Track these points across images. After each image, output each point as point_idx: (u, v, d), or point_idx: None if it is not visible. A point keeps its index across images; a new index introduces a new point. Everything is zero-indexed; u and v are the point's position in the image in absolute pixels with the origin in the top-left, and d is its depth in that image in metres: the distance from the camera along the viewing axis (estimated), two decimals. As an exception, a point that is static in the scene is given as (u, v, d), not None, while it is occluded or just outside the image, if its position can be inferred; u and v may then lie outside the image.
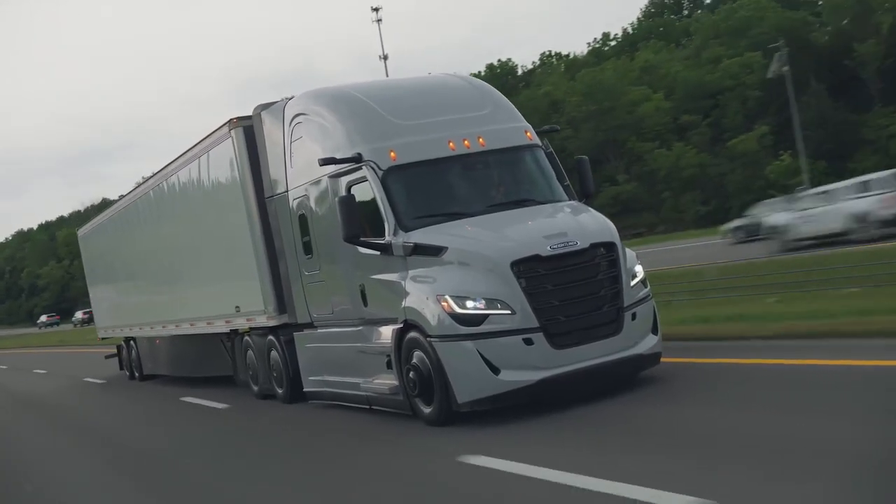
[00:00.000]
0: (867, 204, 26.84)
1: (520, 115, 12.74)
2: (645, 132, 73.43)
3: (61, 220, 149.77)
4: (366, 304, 11.75)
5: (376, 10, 68.08)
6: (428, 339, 10.48)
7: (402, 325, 10.91)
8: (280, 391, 14.87)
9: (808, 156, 55.74)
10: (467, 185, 11.93)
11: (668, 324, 13.15)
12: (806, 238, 28.98)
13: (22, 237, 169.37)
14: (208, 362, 18.89)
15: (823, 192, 30.37)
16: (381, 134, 11.72)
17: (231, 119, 14.86)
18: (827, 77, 62.78)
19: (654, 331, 11.19)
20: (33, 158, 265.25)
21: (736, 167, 64.35)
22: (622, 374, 10.85)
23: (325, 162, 11.77)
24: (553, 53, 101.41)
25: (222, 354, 17.83)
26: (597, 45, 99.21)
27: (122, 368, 25.83)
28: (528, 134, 12.35)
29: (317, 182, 12.50)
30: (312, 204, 12.81)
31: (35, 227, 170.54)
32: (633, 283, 10.97)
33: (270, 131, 13.93)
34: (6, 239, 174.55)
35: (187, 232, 18.36)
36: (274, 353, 14.87)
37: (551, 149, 12.63)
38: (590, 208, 11.89)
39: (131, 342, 24.70)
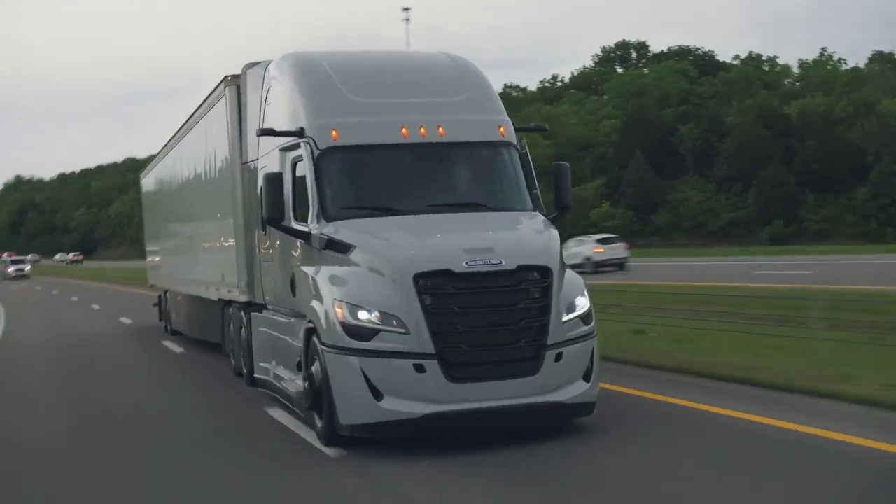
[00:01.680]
0: (587, 250, 46.17)
1: (501, 107, 11.08)
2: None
3: (99, 168, 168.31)
4: (294, 295, 10.60)
5: (406, 9, 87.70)
6: (321, 346, 9.24)
7: (310, 326, 9.69)
8: (245, 371, 13.97)
9: (624, 207, 77.39)
10: (412, 179, 10.49)
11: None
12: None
13: (64, 180, 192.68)
14: (211, 328, 17.89)
15: (580, 239, 49.49)
16: (330, 109, 10.41)
17: (226, 76, 13.96)
18: (656, 148, 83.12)
19: (587, 377, 9.42)
20: (90, 97, 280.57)
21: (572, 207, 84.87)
22: (534, 422, 9.25)
23: (263, 133, 11.03)
24: (512, 86, 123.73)
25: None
26: (547, 85, 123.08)
27: (160, 320, 25.15)
28: (502, 130, 10.65)
29: (272, 153, 11.35)
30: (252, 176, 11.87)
31: (77, 171, 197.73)
32: (567, 317, 9.31)
33: (251, 93, 12.89)
34: (51, 178, 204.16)
35: (194, 193, 17.87)
36: (243, 331, 13.97)
37: (527, 150, 10.87)
38: (548, 225, 10.19)
39: (166, 294, 24.06)
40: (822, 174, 72.64)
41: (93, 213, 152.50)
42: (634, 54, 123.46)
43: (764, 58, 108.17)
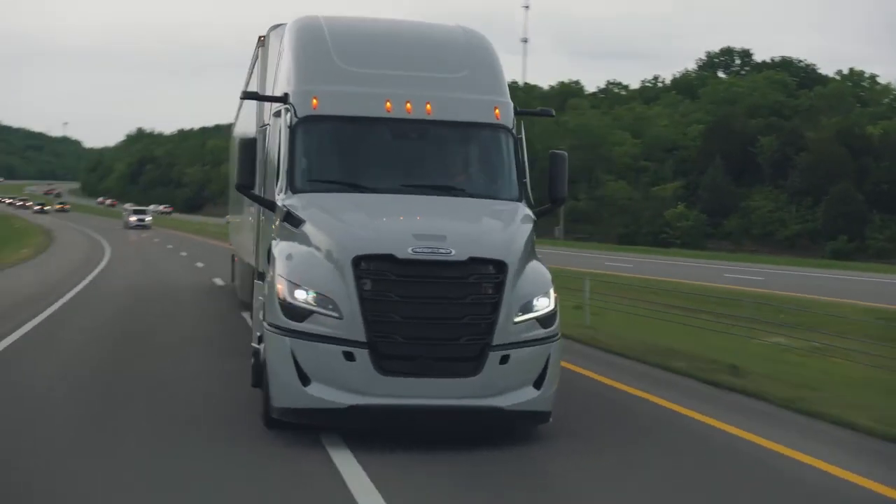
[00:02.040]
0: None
1: (503, 87, 10.33)
2: (612, 167, 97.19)
3: (217, 127, 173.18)
4: (268, 263, 9.68)
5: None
6: (263, 323, 9.03)
7: (261, 300, 9.46)
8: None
9: (699, 210, 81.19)
10: (389, 157, 10.03)
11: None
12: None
13: (182, 136, 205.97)
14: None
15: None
16: (316, 76, 9.93)
17: (259, 37, 13.50)
18: (736, 155, 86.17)
19: (538, 384, 8.68)
20: (218, 54, 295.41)
21: (648, 206, 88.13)
22: (471, 426, 8.76)
23: (245, 96, 11.21)
24: (615, 82, 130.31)
25: None
26: (648, 84, 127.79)
27: (231, 280, 23.99)
28: (497, 111, 9.93)
29: (270, 118, 10.93)
30: (264, 142, 11.15)
31: (196, 128, 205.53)
32: (520, 318, 8.60)
33: (271, 55, 12.65)
34: (171, 133, 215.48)
35: None
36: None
37: (522, 135, 10.11)
38: (526, 217, 9.48)
39: (233, 257, 22.91)
40: (892, 195, 75.07)
41: (205, 170, 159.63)
42: (738, 61, 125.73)
43: (866, 74, 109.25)
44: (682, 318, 19.20)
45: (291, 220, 9.27)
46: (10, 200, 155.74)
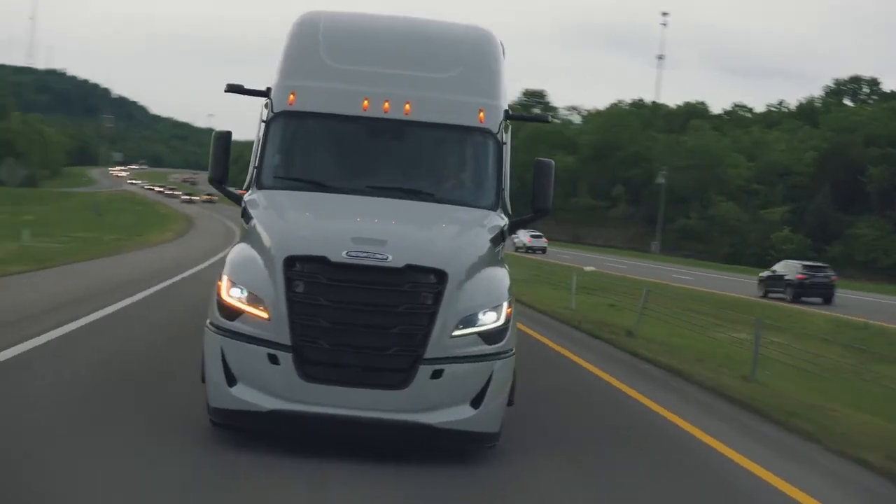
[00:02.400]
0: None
1: (497, 89, 9.85)
2: (725, 188, 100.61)
3: None
4: None
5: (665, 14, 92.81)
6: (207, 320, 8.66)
7: None
8: None
9: (803, 234, 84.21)
10: (360, 156, 9.79)
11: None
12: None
13: None
14: None
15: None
16: (299, 72, 9.75)
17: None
18: (846, 184, 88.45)
19: (476, 403, 8.15)
20: None
21: (755, 228, 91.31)
22: (398, 442, 8.24)
23: (230, 89, 10.29)
24: (740, 104, 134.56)
25: None
26: (773, 109, 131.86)
27: None
28: (482, 114, 9.49)
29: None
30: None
31: None
32: (460, 332, 8.09)
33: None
34: None
35: None
36: None
37: (508, 142, 9.69)
38: (491, 228, 8.94)
39: None
40: None
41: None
42: (866, 89, 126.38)
43: None
44: (686, 318, 23.47)
45: (246, 216, 9.16)
46: (160, 188, 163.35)
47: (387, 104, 9.38)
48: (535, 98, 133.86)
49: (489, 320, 8.17)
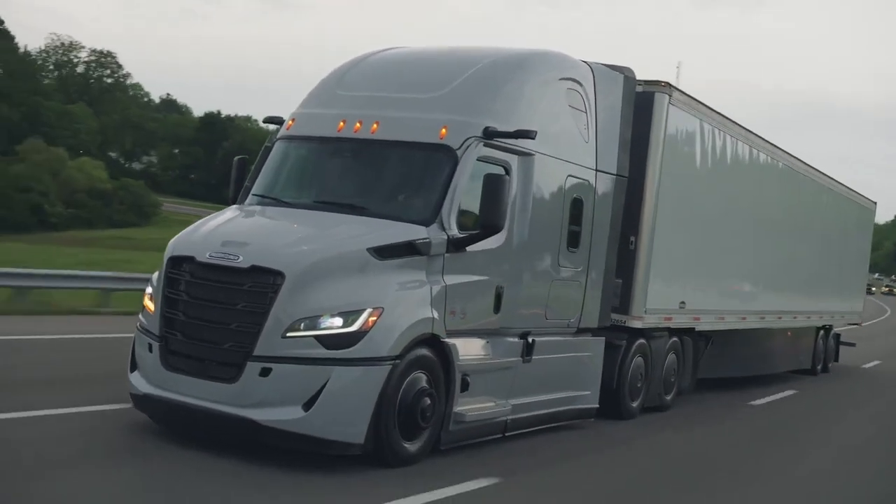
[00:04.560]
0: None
1: (483, 106, 9.90)
2: None
3: None
4: None
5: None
6: None
7: None
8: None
9: None
10: (319, 174, 10.47)
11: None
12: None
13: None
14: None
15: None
16: (311, 100, 10.75)
17: None
18: None
19: (308, 405, 8.34)
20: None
21: None
22: (233, 435, 8.73)
23: (267, 120, 11.31)
24: None
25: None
26: None
27: None
28: (444, 131, 9.59)
29: None
30: None
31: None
32: (295, 333, 8.43)
33: None
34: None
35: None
36: None
37: (461, 159, 9.51)
38: (399, 239, 9.11)
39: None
40: None
41: None
42: None
43: None
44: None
45: None
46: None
47: (358, 124, 10.01)
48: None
49: (333, 325, 8.54)
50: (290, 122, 10.61)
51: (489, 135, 9.77)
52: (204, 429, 8.92)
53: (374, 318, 8.62)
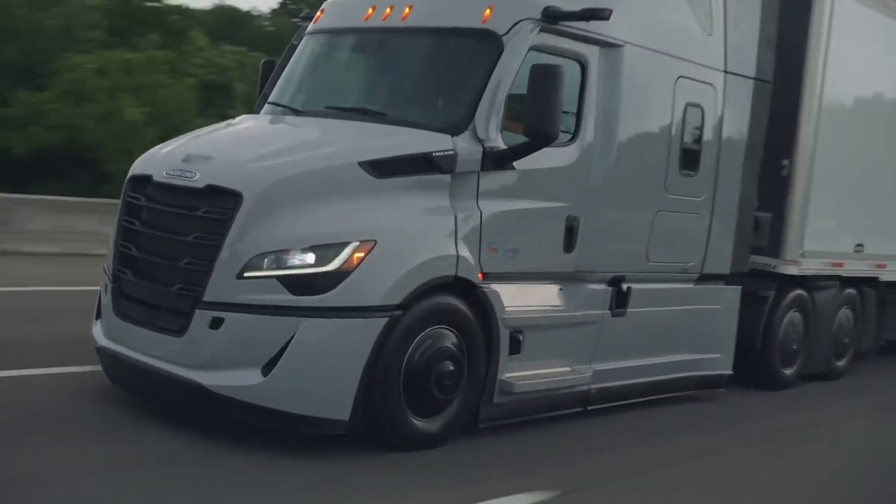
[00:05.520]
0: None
1: None
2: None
3: None
4: None
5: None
6: None
7: None
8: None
9: None
10: (339, 74, 8.65)
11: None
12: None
13: None
14: None
15: None
16: None
17: None
18: None
19: (268, 368, 6.31)
20: None
21: None
22: (184, 401, 6.74)
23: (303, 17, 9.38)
24: None
25: None
26: None
27: None
28: (488, 12, 7.39)
29: None
30: None
31: None
32: (253, 273, 6.37)
33: None
34: None
35: None
36: None
37: (528, 47, 7.33)
38: (407, 149, 6.93)
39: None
40: None
41: None
42: None
43: None
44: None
45: None
46: None
47: (388, 10, 7.91)
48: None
49: (303, 262, 6.44)
50: (319, 13, 8.58)
51: (550, 16, 7.43)
52: (156, 393, 6.98)
53: (362, 255, 6.44)
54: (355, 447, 6.69)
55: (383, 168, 6.81)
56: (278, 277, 6.37)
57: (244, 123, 8.15)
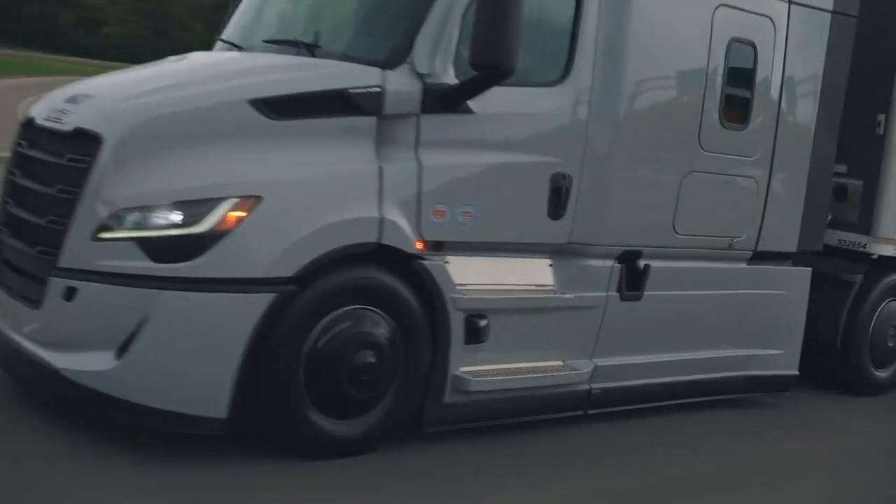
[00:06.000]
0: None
1: None
2: None
3: None
4: None
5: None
6: None
7: None
8: None
9: None
10: (285, 6, 7.23)
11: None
12: None
13: None
14: None
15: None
16: None
17: None
18: None
19: (122, 350, 5.14)
20: None
21: None
22: (43, 391, 5.64)
23: None
24: None
25: None
26: None
27: None
28: None
29: None
30: None
31: None
32: (109, 234, 5.23)
33: None
34: None
35: None
36: None
37: None
38: (315, 82, 5.68)
39: None
40: None
41: None
42: None
43: None
44: None
45: None
46: None
47: None
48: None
49: (168, 221, 5.16)
50: None
51: None
52: (24, 378, 5.74)
53: (242, 214, 5.18)
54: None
55: (282, 107, 5.49)
56: (137, 240, 5.18)
57: (173, 62, 6.81)
